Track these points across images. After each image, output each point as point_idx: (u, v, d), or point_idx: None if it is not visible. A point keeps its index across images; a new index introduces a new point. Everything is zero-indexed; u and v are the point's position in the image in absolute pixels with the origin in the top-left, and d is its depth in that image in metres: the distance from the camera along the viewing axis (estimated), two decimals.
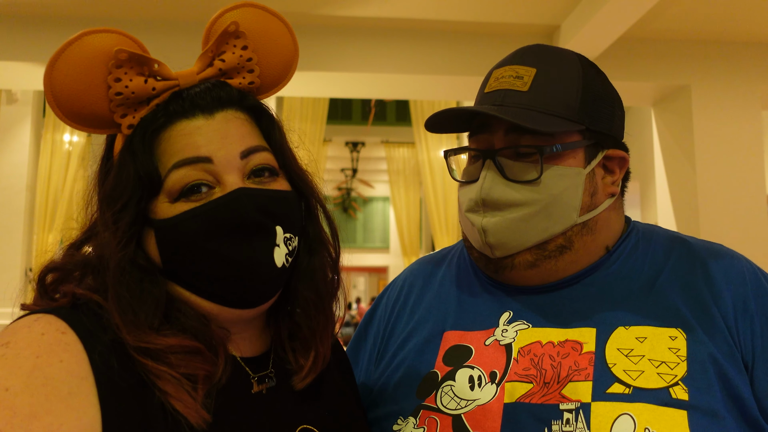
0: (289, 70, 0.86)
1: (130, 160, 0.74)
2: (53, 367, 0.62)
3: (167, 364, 0.68)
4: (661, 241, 0.98)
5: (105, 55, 0.73)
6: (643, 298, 0.89)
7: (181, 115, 0.75)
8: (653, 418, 0.77)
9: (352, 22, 4.47)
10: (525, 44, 1.02)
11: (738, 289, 0.87)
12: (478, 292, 0.99)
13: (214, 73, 0.78)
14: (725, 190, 4.62)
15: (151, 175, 0.74)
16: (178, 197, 0.74)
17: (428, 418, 0.88)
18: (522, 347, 0.89)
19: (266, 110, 0.82)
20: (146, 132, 0.75)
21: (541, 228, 0.90)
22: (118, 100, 0.74)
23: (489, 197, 0.90)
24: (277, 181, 0.79)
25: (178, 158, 0.74)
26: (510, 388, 0.85)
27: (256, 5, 0.83)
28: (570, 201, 0.91)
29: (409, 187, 10.21)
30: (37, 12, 4.32)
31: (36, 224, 7.07)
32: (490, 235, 0.90)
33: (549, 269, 0.92)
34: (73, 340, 0.65)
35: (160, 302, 0.72)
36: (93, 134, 0.79)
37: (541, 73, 0.93)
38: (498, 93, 0.93)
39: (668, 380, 0.80)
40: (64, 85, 0.72)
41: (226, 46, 0.80)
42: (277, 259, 0.76)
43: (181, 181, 0.73)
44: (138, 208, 0.74)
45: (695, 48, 4.76)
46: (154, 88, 0.75)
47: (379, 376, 1.00)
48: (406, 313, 1.04)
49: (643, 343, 0.84)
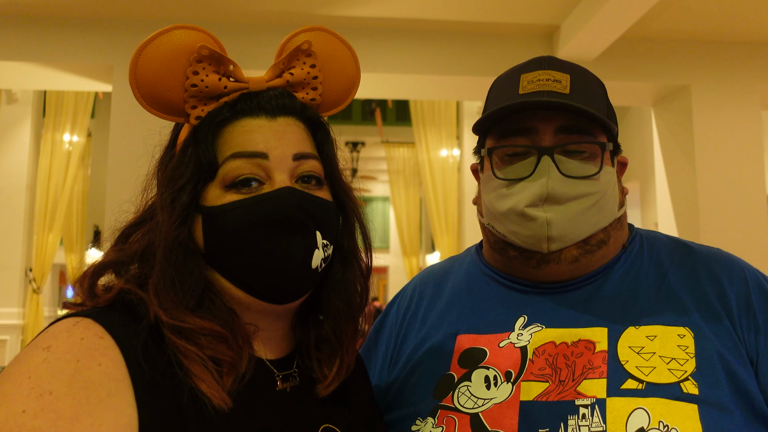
0: (350, 94, 0.94)
1: (194, 146, 0.80)
2: (92, 370, 0.66)
3: (196, 344, 0.72)
4: (664, 244, 1.02)
5: (189, 49, 0.80)
6: (652, 298, 0.93)
7: (246, 114, 0.82)
8: (666, 412, 0.80)
9: (352, 22, 4.47)
10: (525, 44, 1.05)
11: (740, 289, 0.92)
12: (491, 297, 1.02)
13: (282, 83, 0.85)
14: (725, 190, 4.62)
15: (209, 161, 0.79)
16: (229, 187, 0.79)
17: (446, 418, 0.90)
18: (536, 348, 0.91)
19: (324, 124, 0.89)
20: (212, 123, 0.81)
21: (594, 221, 0.95)
22: (192, 92, 0.81)
23: (554, 191, 0.92)
24: (321, 191, 0.85)
25: (236, 150, 0.80)
26: (526, 387, 0.88)
27: (329, 31, 0.90)
28: (614, 196, 0.98)
29: (409, 187, 10.21)
30: (37, 12, 4.32)
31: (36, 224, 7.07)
32: (554, 228, 0.92)
33: (584, 264, 0.96)
34: (110, 344, 0.69)
35: (198, 285, 0.77)
36: (93, 135, 0.80)
37: (575, 79, 0.97)
38: (540, 93, 0.94)
39: (679, 376, 0.84)
40: (148, 70, 0.79)
41: (297, 62, 0.86)
42: (314, 261, 0.81)
43: (234, 172, 0.79)
44: (194, 192, 0.79)
45: (695, 48, 4.76)
46: (225, 86, 0.82)
47: (393, 380, 1.02)
48: (419, 320, 1.06)
49: (653, 341, 0.88)
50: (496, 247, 1.02)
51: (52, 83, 4.97)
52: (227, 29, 4.42)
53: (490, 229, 1.02)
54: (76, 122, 7.29)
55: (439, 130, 8.05)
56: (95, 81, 4.80)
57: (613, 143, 0.99)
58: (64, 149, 7.25)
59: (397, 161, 10.21)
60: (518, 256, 0.98)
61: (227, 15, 4.35)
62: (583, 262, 0.95)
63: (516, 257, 0.98)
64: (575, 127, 0.94)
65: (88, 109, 7.36)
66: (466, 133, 7.29)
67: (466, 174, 7.14)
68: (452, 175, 8.00)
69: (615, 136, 1.00)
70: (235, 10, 4.30)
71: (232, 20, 4.40)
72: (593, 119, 0.93)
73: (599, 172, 0.94)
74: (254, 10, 4.31)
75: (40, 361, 0.65)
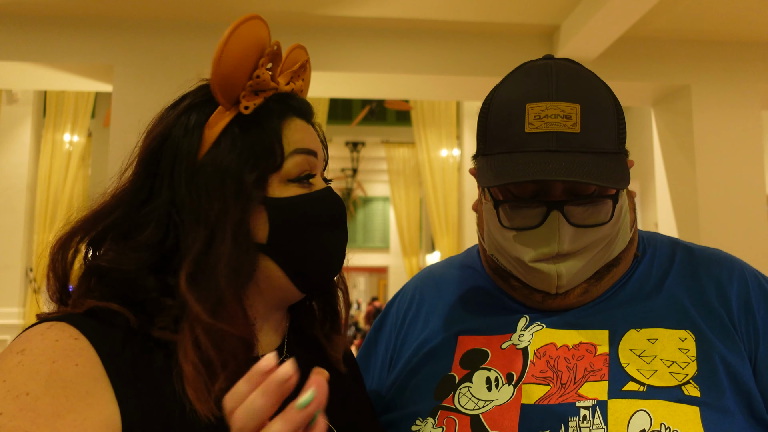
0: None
1: (253, 135, 0.81)
2: (69, 370, 0.65)
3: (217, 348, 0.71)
4: (664, 246, 1.01)
5: (264, 42, 0.84)
6: (653, 301, 0.92)
7: (297, 113, 0.87)
8: (668, 414, 0.80)
9: (352, 22, 4.47)
10: (525, 44, 1.02)
11: (741, 289, 0.91)
12: (493, 303, 1.01)
13: (296, 88, 0.90)
14: (725, 190, 4.62)
15: (275, 152, 0.82)
16: (292, 181, 0.83)
17: (447, 418, 0.89)
18: (537, 349, 0.91)
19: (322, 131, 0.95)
20: (272, 115, 0.84)
21: (605, 258, 0.93)
22: (253, 83, 0.83)
23: (563, 249, 0.88)
24: None
25: (300, 146, 0.84)
26: (527, 389, 0.87)
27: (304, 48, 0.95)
28: (625, 224, 0.95)
29: (409, 187, 10.21)
30: (37, 12, 4.31)
31: (36, 224, 7.07)
32: (564, 279, 0.89)
33: (594, 293, 0.93)
34: (85, 345, 0.69)
35: (250, 276, 0.79)
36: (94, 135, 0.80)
37: (586, 109, 0.88)
38: (549, 135, 0.86)
39: (680, 379, 0.83)
40: (233, 52, 0.81)
41: (303, 72, 0.92)
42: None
43: (299, 167, 0.83)
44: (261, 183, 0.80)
45: (695, 48, 4.76)
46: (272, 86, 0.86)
47: (393, 381, 1.01)
48: (420, 321, 1.05)
49: (655, 344, 0.87)
50: (499, 273, 0.99)
51: (52, 83, 4.97)
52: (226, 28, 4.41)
53: (493, 259, 0.99)
54: (77, 122, 7.28)
55: (439, 130, 8.05)
56: (95, 81, 4.79)
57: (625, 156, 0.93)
58: (64, 149, 7.24)
59: (397, 161, 10.21)
60: (522, 287, 0.95)
61: (227, 15, 4.35)
62: (593, 291, 0.93)
63: (520, 288, 0.96)
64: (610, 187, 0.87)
65: (88, 109, 7.36)
66: (466, 133, 7.29)
67: (466, 174, 7.13)
68: (452, 175, 7.99)
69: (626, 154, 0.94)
70: (235, 9, 4.30)
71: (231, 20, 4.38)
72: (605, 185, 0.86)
73: (611, 219, 0.89)
74: (254, 10, 4.29)
75: (15, 365, 0.64)
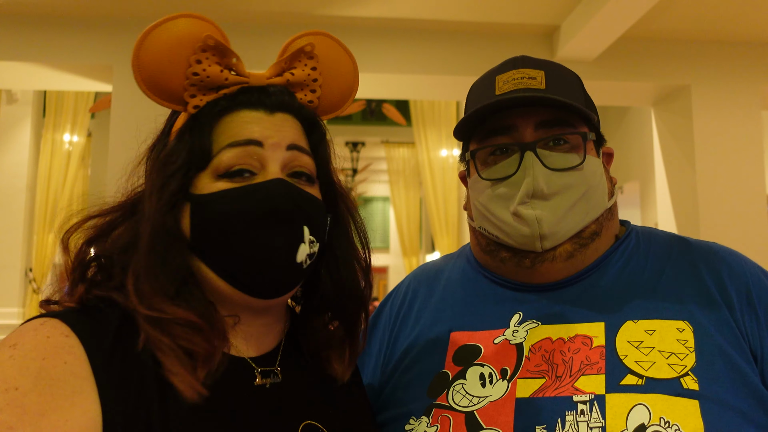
0: (347, 100, 0.94)
1: (189, 134, 0.80)
2: (58, 368, 0.66)
3: (170, 335, 0.71)
4: (661, 239, 1.01)
5: (194, 37, 0.81)
6: (649, 292, 0.92)
7: (246, 106, 0.82)
8: (667, 408, 0.79)
9: (352, 22, 4.47)
10: (525, 44, 1.07)
11: (740, 282, 0.90)
12: (485, 294, 1.01)
13: (282, 81, 0.85)
14: (725, 190, 4.62)
15: (204, 149, 0.79)
16: (221, 176, 0.79)
17: (441, 416, 0.89)
18: (532, 345, 0.90)
19: (320, 125, 0.89)
20: (211, 111, 0.81)
21: (583, 213, 0.95)
22: (193, 80, 0.81)
23: (540, 187, 0.92)
24: (312, 188, 0.84)
25: (233, 139, 0.79)
26: (522, 384, 0.87)
27: (333, 38, 0.91)
28: (601, 186, 0.98)
29: (409, 187, 10.21)
30: (37, 12, 4.32)
31: (36, 224, 7.07)
32: (545, 225, 0.92)
33: (579, 260, 0.95)
34: (75, 342, 0.69)
35: (179, 273, 0.76)
36: (93, 135, 0.81)
37: (550, 74, 0.97)
38: (516, 92, 0.95)
39: (678, 371, 0.83)
40: (151, 54, 0.79)
41: (298, 63, 0.87)
42: (299, 255, 0.80)
43: (228, 161, 0.79)
44: (185, 179, 0.79)
45: (695, 48, 4.76)
46: (227, 78, 0.82)
47: (387, 379, 1.01)
48: (412, 318, 1.05)
49: (652, 335, 0.86)
50: (488, 250, 1.01)
51: (52, 83, 4.97)
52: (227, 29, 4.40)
53: (481, 232, 1.02)
54: (76, 122, 7.29)
55: (439, 130, 8.05)
56: (95, 81, 4.80)
57: (596, 133, 0.99)
58: (64, 149, 7.25)
59: (397, 161, 10.20)
60: (511, 257, 0.97)
61: (227, 15, 4.35)
62: (578, 257, 0.95)
63: (509, 258, 0.97)
64: (555, 120, 0.95)
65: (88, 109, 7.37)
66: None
67: None
68: (452, 175, 7.99)
69: (596, 127, 1.00)
70: (235, 9, 4.30)
71: (232, 20, 4.39)
72: (571, 110, 0.94)
73: (583, 162, 0.94)
74: (255, 10, 4.30)
75: (6, 358, 0.66)
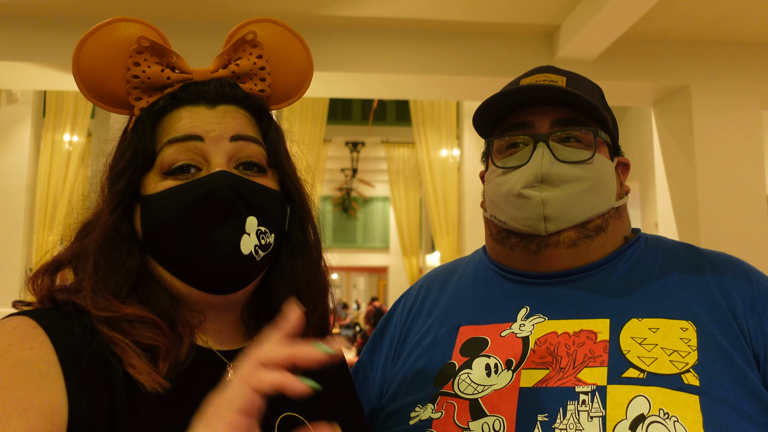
0: (302, 87, 0.92)
1: (132, 136, 0.81)
2: (24, 352, 0.67)
3: (123, 332, 0.72)
4: (670, 247, 1.04)
5: (130, 41, 0.80)
6: (655, 293, 0.94)
7: (186, 102, 0.81)
8: (667, 400, 0.81)
9: (352, 22, 4.47)
10: (525, 44, 1.09)
11: (745, 288, 0.93)
12: (494, 291, 1.04)
13: (227, 74, 0.84)
14: (725, 190, 4.62)
15: (146, 150, 0.79)
16: (167, 174, 0.78)
17: (446, 403, 0.91)
18: (538, 338, 0.93)
19: (267, 112, 0.87)
20: (150, 112, 0.81)
21: (590, 205, 0.98)
22: (134, 83, 0.81)
23: (548, 172, 0.96)
24: (264, 178, 0.82)
25: (172, 136, 0.79)
26: (527, 374, 0.89)
27: (278, 22, 0.89)
28: (610, 185, 1.01)
29: (409, 187, 10.21)
30: (37, 12, 4.32)
31: (36, 224, 7.07)
32: (549, 207, 0.96)
33: (583, 250, 0.98)
34: (41, 333, 0.70)
35: (131, 273, 0.77)
36: (93, 135, 0.82)
37: (571, 80, 1.04)
38: (538, 87, 0.99)
39: (680, 367, 0.84)
40: (90, 63, 0.80)
41: (243, 53, 0.86)
42: (244, 247, 0.78)
43: (170, 158, 0.78)
44: (130, 180, 0.79)
45: (695, 48, 4.76)
46: (169, 77, 0.81)
47: (396, 372, 1.04)
48: (423, 314, 1.09)
49: (656, 333, 0.89)
50: (498, 238, 1.05)
51: (52, 83, 4.97)
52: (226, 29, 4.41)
53: (492, 220, 1.06)
54: (76, 122, 7.29)
55: (439, 130, 8.05)
56: None
57: (610, 137, 1.03)
58: (64, 149, 7.25)
59: (397, 161, 10.21)
60: (519, 242, 1.01)
61: (227, 15, 4.35)
62: (582, 246, 0.98)
63: (517, 244, 1.01)
64: (570, 119, 1.00)
65: (88, 109, 7.36)
66: (466, 133, 7.29)
67: (466, 174, 7.13)
68: (452, 175, 7.99)
69: (612, 132, 1.03)
70: (234, 10, 4.30)
71: (231, 20, 4.38)
72: (587, 108, 0.98)
73: (592, 158, 0.98)
74: (254, 11, 4.30)
75: None
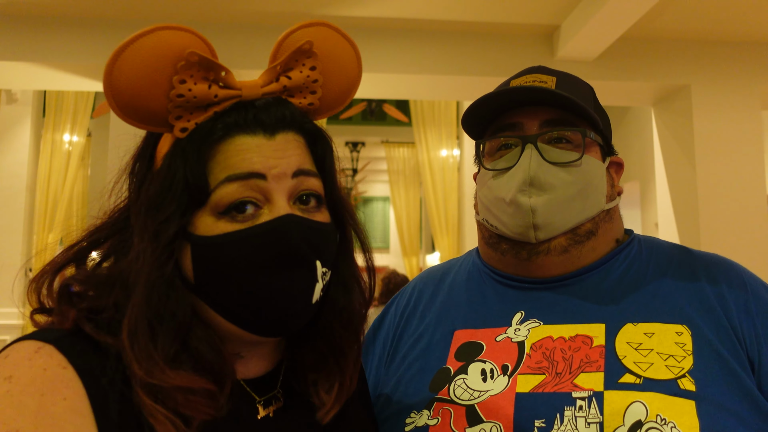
0: (349, 96, 0.85)
1: (181, 166, 0.71)
2: (58, 405, 0.62)
3: (167, 405, 0.65)
4: (663, 249, 1.04)
5: (175, 53, 0.70)
6: (649, 297, 0.94)
7: (242, 129, 0.72)
8: (664, 406, 0.81)
9: (352, 22, 4.47)
10: (525, 44, 1.09)
11: (739, 293, 0.92)
12: (488, 295, 1.03)
13: (278, 89, 0.76)
14: (725, 190, 4.62)
15: (200, 185, 0.70)
16: (222, 214, 0.70)
17: (442, 410, 0.90)
18: (534, 343, 0.92)
19: (323, 135, 0.80)
20: (204, 140, 0.71)
21: (579, 209, 0.97)
22: (178, 102, 0.71)
23: (536, 176, 0.95)
24: (321, 212, 0.77)
25: (232, 172, 0.70)
26: (523, 380, 0.89)
27: (332, 26, 0.81)
28: (600, 187, 1.00)
29: (409, 187, 10.21)
30: (37, 12, 4.32)
31: (36, 224, 7.06)
32: (539, 215, 0.95)
33: (575, 256, 0.98)
34: (73, 375, 0.65)
35: (182, 326, 0.69)
36: (93, 135, 0.79)
37: (561, 80, 1.03)
38: (526, 89, 0.99)
39: (676, 372, 0.84)
40: (127, 77, 0.69)
41: (295, 64, 0.77)
42: (315, 295, 0.74)
43: (229, 197, 0.70)
44: (182, 221, 0.70)
45: (695, 48, 4.76)
46: (216, 95, 0.72)
47: (390, 377, 1.03)
48: (416, 317, 1.07)
49: (651, 338, 0.88)
50: (490, 242, 1.04)
51: (52, 83, 4.97)
52: (226, 29, 4.42)
53: (484, 224, 1.05)
54: (76, 122, 7.28)
55: (439, 130, 8.05)
56: (95, 81, 4.79)
57: (602, 137, 1.03)
58: (64, 149, 7.24)
59: (397, 161, 10.20)
60: (510, 248, 1.00)
61: (226, 15, 4.35)
62: (573, 253, 0.98)
63: (508, 250, 1.01)
64: (559, 120, 0.99)
65: (88, 109, 7.36)
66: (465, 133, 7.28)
67: (466, 174, 7.13)
68: (452, 175, 7.99)
69: (603, 133, 1.02)
70: (234, 9, 4.30)
71: (231, 20, 4.39)
72: (575, 109, 0.97)
73: (581, 159, 0.97)
74: (254, 10, 4.30)
75: (3, 394, 0.61)
